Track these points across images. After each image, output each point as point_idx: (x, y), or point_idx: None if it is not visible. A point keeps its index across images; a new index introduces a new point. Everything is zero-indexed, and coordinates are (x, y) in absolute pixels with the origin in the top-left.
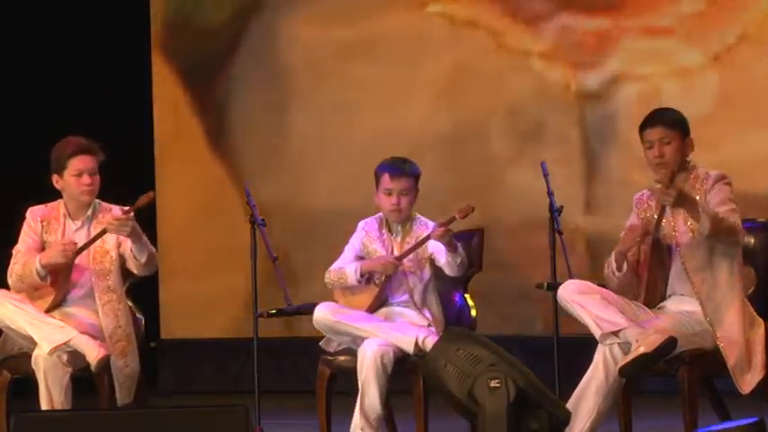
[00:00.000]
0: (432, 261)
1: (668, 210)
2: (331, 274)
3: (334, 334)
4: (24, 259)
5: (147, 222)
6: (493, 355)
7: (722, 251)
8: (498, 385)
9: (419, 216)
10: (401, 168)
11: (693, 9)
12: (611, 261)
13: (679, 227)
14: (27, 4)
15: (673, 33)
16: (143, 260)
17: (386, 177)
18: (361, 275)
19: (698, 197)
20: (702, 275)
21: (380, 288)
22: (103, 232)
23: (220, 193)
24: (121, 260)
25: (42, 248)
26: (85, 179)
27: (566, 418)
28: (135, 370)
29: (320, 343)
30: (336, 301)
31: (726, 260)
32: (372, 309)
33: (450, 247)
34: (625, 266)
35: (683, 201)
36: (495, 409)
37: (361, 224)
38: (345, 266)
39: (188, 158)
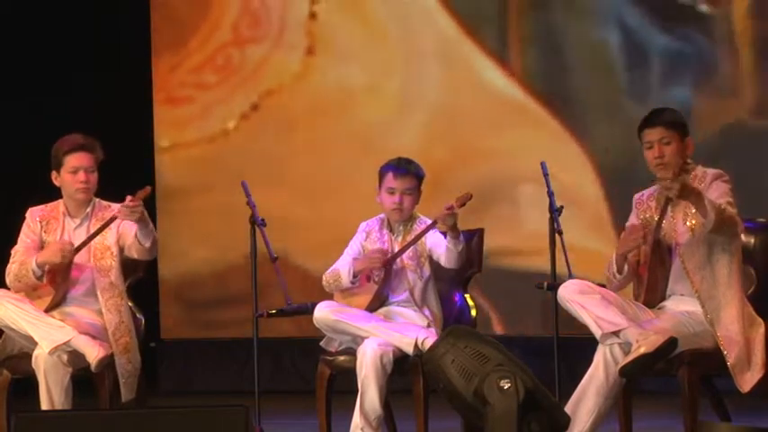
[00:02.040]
0: (431, 259)
1: (669, 210)
2: (327, 276)
3: (335, 333)
4: (22, 259)
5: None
6: (500, 354)
7: (721, 249)
8: (509, 385)
9: (421, 216)
10: (405, 168)
11: (208, 80)
12: (612, 263)
13: (678, 227)
14: (26, 2)
15: (194, 102)
16: (147, 245)
17: (389, 176)
18: (354, 276)
19: None
20: (702, 274)
21: (379, 286)
22: (113, 219)
23: (220, 193)
24: (121, 256)
25: (41, 248)
26: (80, 176)
27: (565, 422)
28: (137, 366)
29: (321, 342)
30: (336, 301)
31: (725, 259)
32: (372, 307)
33: (454, 233)
34: (626, 268)
35: (688, 193)
36: (505, 410)
37: (362, 225)
38: (340, 268)
39: (188, 157)
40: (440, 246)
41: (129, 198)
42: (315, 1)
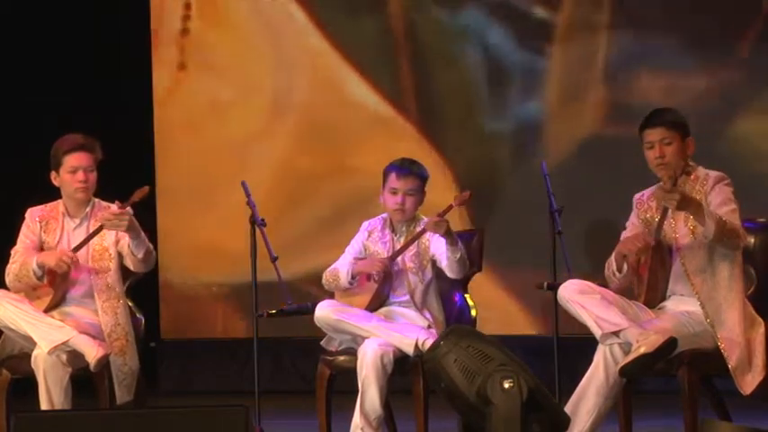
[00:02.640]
0: (434, 262)
1: (669, 211)
2: (327, 275)
3: (336, 332)
4: (22, 259)
5: (147, 222)
6: (503, 354)
7: (722, 252)
8: (512, 385)
9: (423, 217)
10: (408, 168)
11: None
12: (612, 262)
13: (679, 228)
14: (26, 2)
15: None
16: (140, 256)
17: (392, 176)
18: (353, 277)
19: (699, 198)
20: (703, 276)
21: (379, 286)
22: (100, 229)
23: (220, 193)
24: (120, 258)
25: (40, 248)
26: (79, 176)
27: (565, 422)
28: (134, 368)
29: (322, 342)
30: (337, 299)
31: (726, 261)
32: (372, 307)
33: (450, 240)
34: (625, 267)
35: (687, 204)
36: (508, 410)
37: (364, 225)
38: (339, 268)
39: (188, 157)
40: (443, 255)
41: (117, 204)
42: (187, 17)
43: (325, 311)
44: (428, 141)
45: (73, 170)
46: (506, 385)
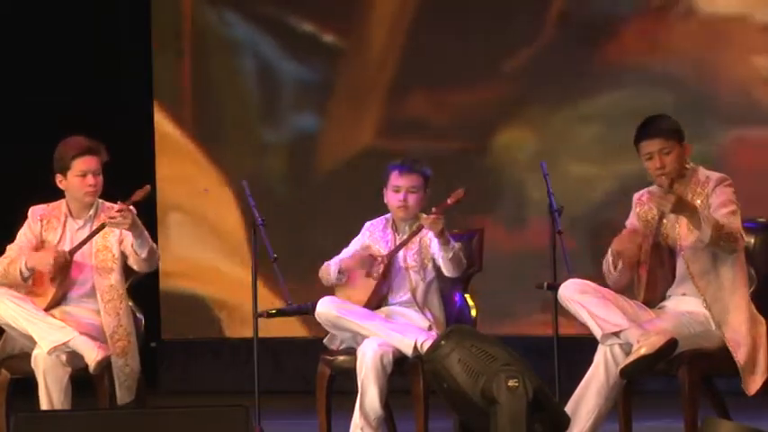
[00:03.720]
0: (434, 261)
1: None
2: (321, 270)
3: (336, 329)
4: (13, 257)
5: (147, 222)
6: (507, 354)
7: (725, 254)
8: (517, 385)
9: (424, 216)
10: (409, 166)
11: None
12: (608, 258)
13: (681, 228)
14: (26, 2)
15: None
16: (144, 255)
17: (394, 174)
18: (340, 272)
19: (699, 201)
20: (707, 279)
21: (378, 282)
22: (102, 227)
23: (221, 193)
24: (123, 258)
25: (40, 247)
26: (89, 180)
27: (566, 423)
28: (135, 369)
29: (324, 340)
30: (336, 296)
31: (729, 261)
32: (371, 305)
33: (442, 239)
34: (620, 265)
35: (683, 207)
36: (514, 410)
37: (366, 225)
38: (332, 264)
39: (188, 158)
40: (438, 253)
41: (118, 204)
42: None
43: (326, 308)
44: (207, 156)
45: (82, 174)
46: (511, 385)
